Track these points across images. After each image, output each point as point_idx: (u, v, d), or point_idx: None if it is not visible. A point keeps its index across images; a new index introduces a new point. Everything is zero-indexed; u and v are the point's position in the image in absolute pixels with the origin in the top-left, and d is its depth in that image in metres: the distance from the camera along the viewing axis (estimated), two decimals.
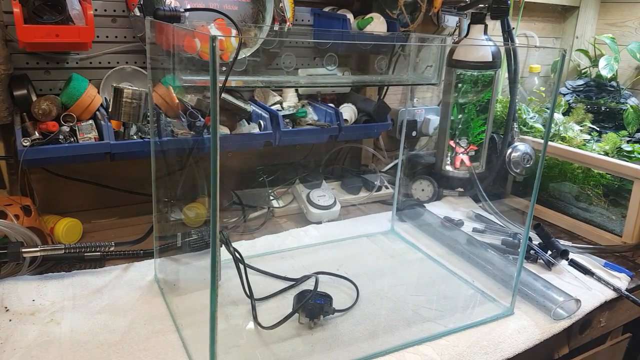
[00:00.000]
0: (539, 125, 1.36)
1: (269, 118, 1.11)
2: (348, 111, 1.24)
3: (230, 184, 1.21)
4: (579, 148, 1.23)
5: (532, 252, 1.02)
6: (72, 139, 0.93)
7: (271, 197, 1.20)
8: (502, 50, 1.31)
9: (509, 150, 1.27)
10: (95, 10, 1.02)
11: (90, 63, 1.05)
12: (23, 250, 0.82)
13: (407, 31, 1.29)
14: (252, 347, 0.74)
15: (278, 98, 1.24)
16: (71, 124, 0.95)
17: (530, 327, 0.82)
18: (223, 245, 0.77)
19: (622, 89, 1.65)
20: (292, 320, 0.80)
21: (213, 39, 0.51)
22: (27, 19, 0.88)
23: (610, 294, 0.93)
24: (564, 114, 1.46)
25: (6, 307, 0.78)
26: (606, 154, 1.21)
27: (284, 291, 0.88)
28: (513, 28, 1.39)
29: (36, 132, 0.92)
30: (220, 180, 0.55)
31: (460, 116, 1.31)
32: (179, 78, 0.82)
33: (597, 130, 1.41)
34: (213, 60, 0.52)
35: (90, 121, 0.98)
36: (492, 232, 1.14)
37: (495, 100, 1.33)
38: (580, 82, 1.69)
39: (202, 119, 1.03)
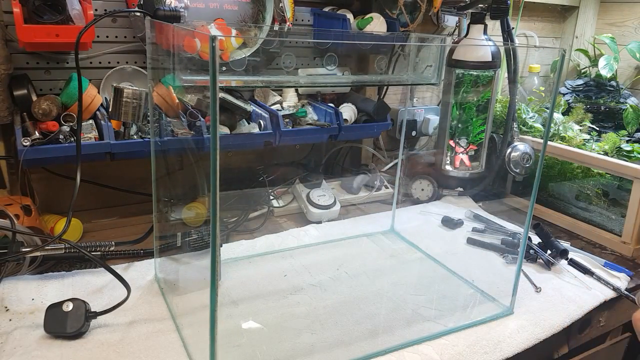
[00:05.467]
0: (538, 125, 1.36)
1: (269, 118, 1.11)
2: (348, 111, 1.24)
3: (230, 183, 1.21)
4: (579, 148, 1.23)
5: (531, 251, 1.03)
6: (72, 139, 0.94)
7: (271, 197, 1.20)
8: (502, 50, 1.31)
9: (509, 150, 1.27)
10: (95, 10, 1.02)
11: (91, 63, 1.06)
12: (23, 250, 0.82)
13: (406, 31, 1.29)
14: (252, 347, 0.74)
15: (278, 98, 1.24)
16: (71, 124, 0.95)
17: (530, 326, 0.82)
18: None
19: (622, 88, 1.65)
20: (293, 320, 0.80)
21: (213, 39, 0.51)
22: (27, 18, 0.88)
23: (609, 294, 0.93)
24: (563, 114, 1.46)
25: (6, 307, 0.78)
26: (606, 153, 1.21)
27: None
28: (513, 28, 1.39)
29: (36, 132, 0.92)
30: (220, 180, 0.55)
31: (460, 114, 1.31)
32: (179, 78, 0.82)
33: (596, 130, 1.41)
34: (213, 60, 0.52)
35: (91, 121, 0.98)
36: (491, 232, 1.15)
37: (495, 100, 1.33)
38: (580, 81, 1.69)
39: (202, 119, 1.03)
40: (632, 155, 1.20)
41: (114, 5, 1.05)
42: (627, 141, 1.31)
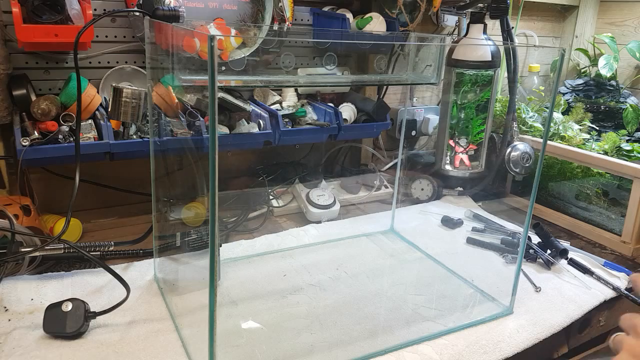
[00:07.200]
0: (538, 125, 1.36)
1: (269, 117, 1.11)
2: (347, 110, 1.24)
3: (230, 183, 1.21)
4: (579, 147, 1.23)
5: (531, 251, 1.03)
6: (72, 139, 0.94)
7: (271, 197, 1.20)
8: (502, 49, 1.31)
9: (509, 150, 1.27)
10: (95, 10, 1.02)
11: (90, 63, 1.06)
12: (22, 250, 0.82)
13: (406, 30, 1.29)
14: (251, 347, 0.74)
15: (277, 97, 1.24)
16: (70, 124, 0.95)
17: (530, 326, 0.82)
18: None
19: (622, 88, 1.65)
20: (293, 319, 0.80)
21: (212, 38, 0.51)
22: (26, 18, 0.88)
23: (609, 293, 0.93)
24: (563, 113, 1.46)
25: (5, 307, 0.78)
26: (605, 153, 1.21)
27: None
28: (512, 27, 1.39)
29: (35, 132, 0.92)
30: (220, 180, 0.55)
31: (459, 114, 1.31)
32: (178, 78, 0.82)
33: (596, 130, 1.41)
34: (211, 60, 0.52)
35: (90, 121, 0.98)
36: (491, 231, 1.14)
37: (495, 99, 1.33)
38: (580, 81, 1.69)
39: (201, 119, 1.03)
40: (632, 154, 1.20)
41: (113, 5, 1.05)
42: (627, 141, 1.31)
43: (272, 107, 1.18)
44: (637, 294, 0.76)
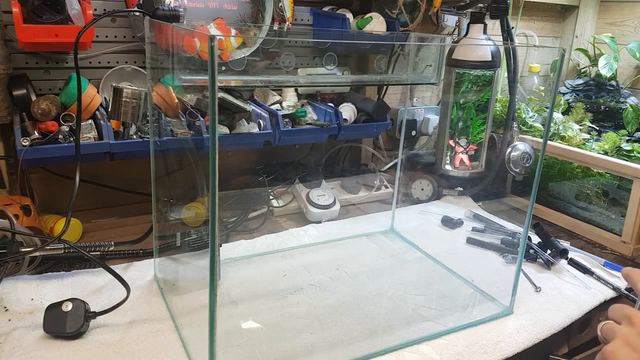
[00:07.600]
0: (538, 125, 1.36)
1: (269, 117, 1.11)
2: (347, 111, 1.24)
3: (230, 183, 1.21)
4: (579, 147, 1.23)
5: (531, 251, 1.03)
6: (72, 139, 0.93)
7: (271, 197, 1.20)
8: (502, 49, 1.31)
9: (509, 150, 1.27)
10: (95, 9, 1.02)
11: (90, 63, 1.06)
12: (22, 250, 0.82)
13: (406, 31, 1.29)
14: (251, 347, 0.74)
15: (277, 97, 1.24)
16: (70, 124, 0.95)
17: (530, 326, 0.82)
18: None
19: (622, 88, 1.65)
20: (293, 319, 0.80)
21: (212, 38, 0.51)
22: (26, 18, 0.88)
23: (609, 293, 0.93)
24: (563, 113, 1.46)
25: (5, 307, 0.78)
26: (605, 153, 1.21)
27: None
28: (512, 27, 1.39)
29: (35, 132, 0.92)
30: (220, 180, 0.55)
31: (460, 114, 1.31)
32: (178, 78, 0.82)
33: (596, 130, 1.41)
34: (212, 60, 0.52)
35: (90, 121, 0.98)
36: (491, 232, 1.14)
37: (495, 99, 1.33)
38: (580, 81, 1.69)
39: (201, 119, 1.03)
40: (632, 154, 1.20)
41: (113, 5, 1.05)
42: (627, 141, 1.31)
43: (272, 107, 1.18)
44: (634, 288, 0.75)
